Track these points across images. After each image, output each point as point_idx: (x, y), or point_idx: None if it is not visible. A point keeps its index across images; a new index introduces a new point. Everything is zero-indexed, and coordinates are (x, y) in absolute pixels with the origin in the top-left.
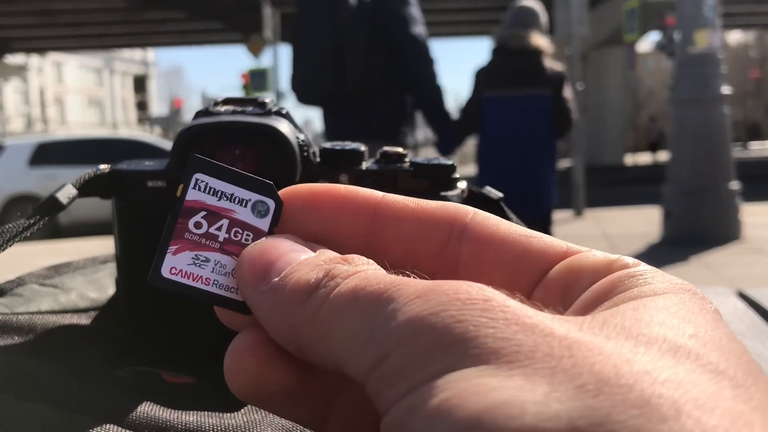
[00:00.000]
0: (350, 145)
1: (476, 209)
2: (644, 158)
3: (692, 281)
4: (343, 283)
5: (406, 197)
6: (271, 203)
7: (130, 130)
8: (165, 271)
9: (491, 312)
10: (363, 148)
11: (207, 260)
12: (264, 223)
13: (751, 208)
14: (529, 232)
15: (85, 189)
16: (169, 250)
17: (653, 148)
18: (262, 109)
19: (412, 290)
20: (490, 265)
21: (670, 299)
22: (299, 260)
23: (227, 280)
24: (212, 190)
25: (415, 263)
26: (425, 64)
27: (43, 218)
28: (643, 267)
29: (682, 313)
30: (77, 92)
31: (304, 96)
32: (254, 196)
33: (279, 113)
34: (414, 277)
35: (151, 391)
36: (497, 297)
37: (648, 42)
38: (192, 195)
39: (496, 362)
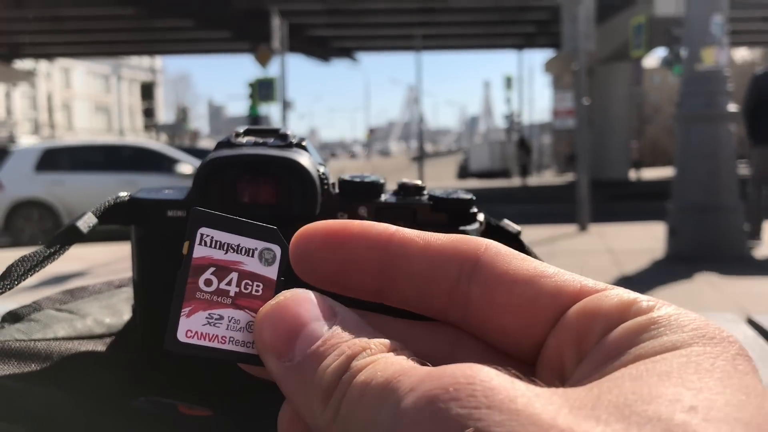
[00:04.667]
0: (370, 177)
1: (489, 242)
2: (649, 174)
3: (696, 299)
4: (357, 378)
5: (418, 233)
6: (277, 249)
7: (136, 136)
8: (181, 335)
9: (475, 399)
10: (382, 180)
11: (221, 318)
12: (272, 271)
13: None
14: (542, 269)
15: (105, 217)
16: (182, 313)
17: (636, 165)
18: (284, 141)
19: (409, 382)
20: (501, 308)
21: (677, 358)
22: (322, 335)
23: (243, 335)
24: (218, 243)
25: (427, 301)
26: None
27: (63, 246)
28: (657, 313)
29: (687, 375)
30: (85, 98)
31: None
32: (260, 245)
33: (300, 145)
34: (418, 363)
35: (166, 423)
36: (483, 378)
37: (654, 57)
38: (199, 252)
39: None
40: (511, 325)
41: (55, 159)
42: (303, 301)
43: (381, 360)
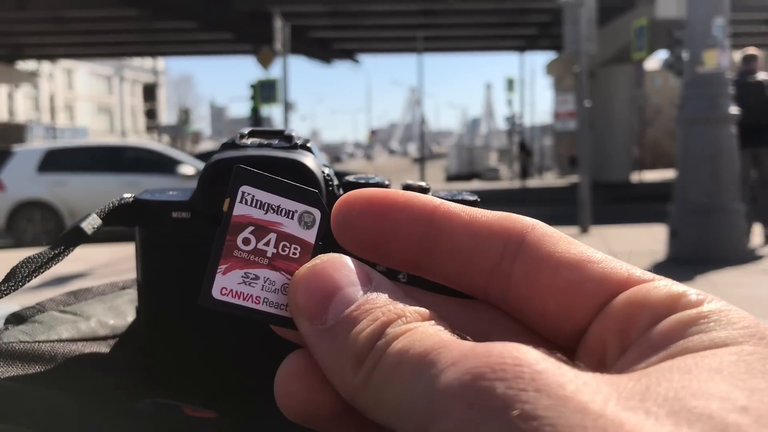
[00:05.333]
0: (374, 178)
1: (537, 222)
2: (650, 176)
3: None
4: (392, 345)
5: (464, 207)
6: (317, 213)
7: (138, 137)
8: (216, 293)
9: (522, 381)
10: (387, 181)
11: (256, 278)
12: (311, 235)
13: (759, 228)
14: (589, 254)
15: (110, 218)
16: (219, 270)
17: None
18: (288, 142)
19: (450, 356)
20: (543, 290)
21: (728, 355)
22: (357, 300)
23: (277, 297)
24: (258, 203)
25: (467, 277)
26: None
27: (68, 248)
28: (707, 307)
29: (739, 374)
30: (87, 99)
31: None
32: (300, 207)
33: (304, 147)
34: (457, 337)
35: (170, 425)
36: (530, 361)
37: (656, 59)
38: (239, 209)
39: None
40: (553, 308)
41: (57, 160)
42: (339, 265)
43: (418, 329)
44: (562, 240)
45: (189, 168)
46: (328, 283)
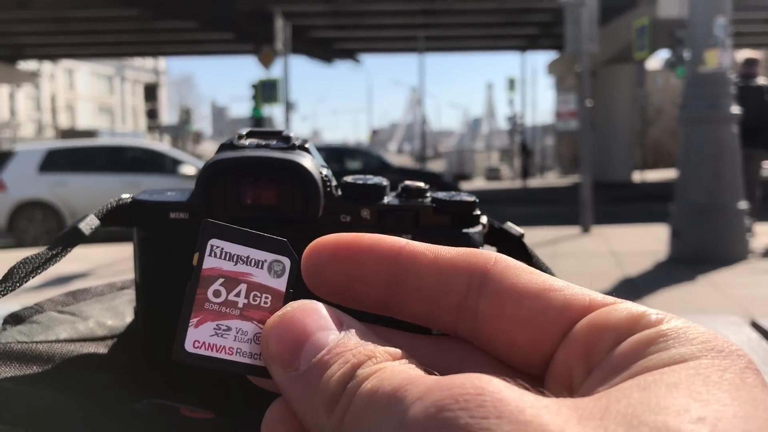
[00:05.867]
0: (372, 179)
1: (499, 256)
2: (652, 175)
3: (699, 301)
4: (362, 386)
5: (428, 246)
6: (287, 261)
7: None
8: (188, 346)
9: (484, 409)
10: (385, 182)
11: (228, 329)
12: (281, 283)
13: (760, 227)
14: (550, 283)
15: (108, 219)
16: (191, 324)
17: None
18: (286, 143)
19: (416, 391)
20: (509, 322)
21: (685, 370)
22: (328, 344)
23: (250, 347)
24: (227, 255)
25: (435, 315)
26: None
27: (66, 248)
28: (666, 326)
29: (696, 387)
30: (88, 99)
31: None
32: (269, 256)
33: (302, 148)
34: (425, 373)
35: (168, 426)
36: (491, 390)
37: (657, 59)
38: (208, 263)
39: None
40: (519, 338)
41: (58, 160)
42: (310, 311)
43: (387, 368)
44: (524, 271)
45: (190, 168)
46: (299, 329)
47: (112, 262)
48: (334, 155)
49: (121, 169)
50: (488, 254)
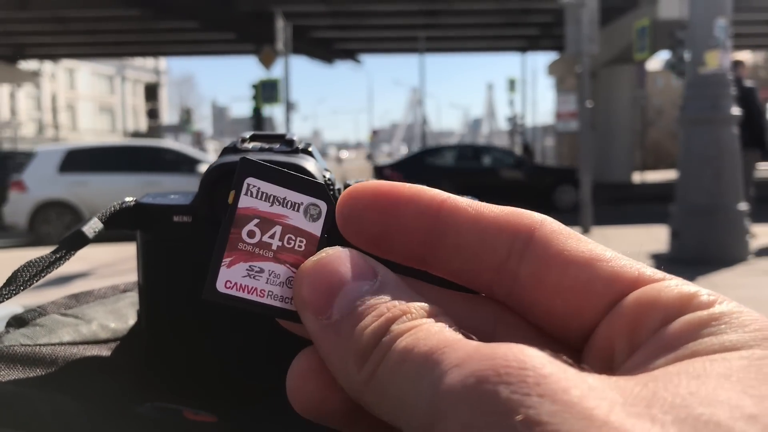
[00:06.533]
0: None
1: (546, 218)
2: (652, 176)
3: None
4: (396, 343)
5: (471, 202)
6: (323, 205)
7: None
8: (220, 286)
9: (527, 385)
10: None
11: (261, 270)
12: (317, 227)
13: (759, 228)
14: (599, 252)
15: (111, 222)
16: (223, 263)
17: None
18: (290, 146)
19: (455, 356)
20: (551, 289)
21: (738, 359)
22: (362, 294)
23: (282, 290)
24: (264, 195)
25: (473, 274)
26: None
27: (69, 252)
28: (719, 309)
29: (748, 380)
30: (89, 99)
31: None
32: (306, 199)
33: (306, 151)
34: (462, 336)
35: (171, 429)
36: (535, 364)
37: (657, 60)
38: (244, 202)
39: None
40: (560, 307)
41: (78, 160)
42: (345, 259)
43: (423, 326)
44: (571, 237)
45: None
46: (333, 276)
47: (113, 262)
48: (470, 152)
49: (140, 169)
50: (535, 215)
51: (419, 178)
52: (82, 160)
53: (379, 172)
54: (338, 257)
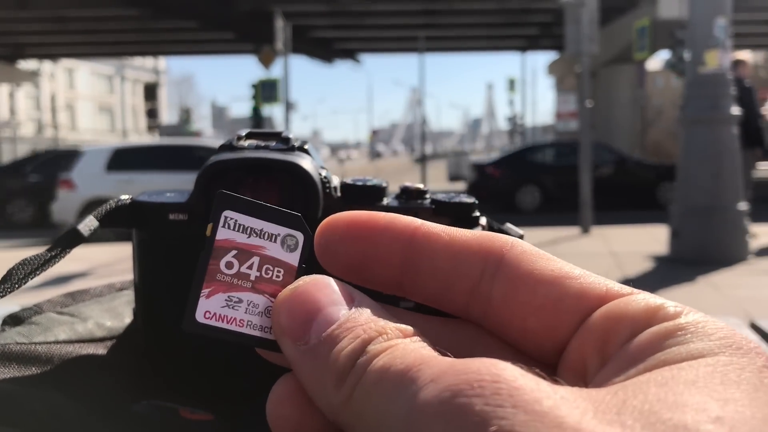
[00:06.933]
0: (372, 180)
1: (516, 240)
2: None
3: (699, 302)
4: (373, 363)
5: (444, 228)
6: (300, 236)
7: (140, 137)
8: (199, 316)
9: (500, 397)
10: (384, 184)
11: (240, 301)
12: (294, 258)
13: (758, 228)
14: (567, 270)
15: (107, 220)
16: (202, 294)
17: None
18: (286, 144)
19: (429, 372)
20: (523, 308)
21: (703, 366)
22: (339, 319)
23: (261, 320)
24: (241, 227)
25: (448, 297)
26: None
27: (65, 250)
28: (684, 319)
29: (714, 385)
30: (88, 98)
31: None
32: (283, 230)
33: (302, 149)
34: (438, 354)
35: (167, 427)
36: (508, 377)
37: (657, 60)
38: (222, 234)
39: None
40: (533, 326)
41: (125, 159)
42: (322, 286)
43: (399, 346)
44: (541, 257)
45: None
46: (310, 303)
47: (110, 262)
48: (570, 149)
49: (185, 167)
50: (505, 238)
51: (520, 175)
52: (128, 159)
53: (481, 170)
54: (315, 284)
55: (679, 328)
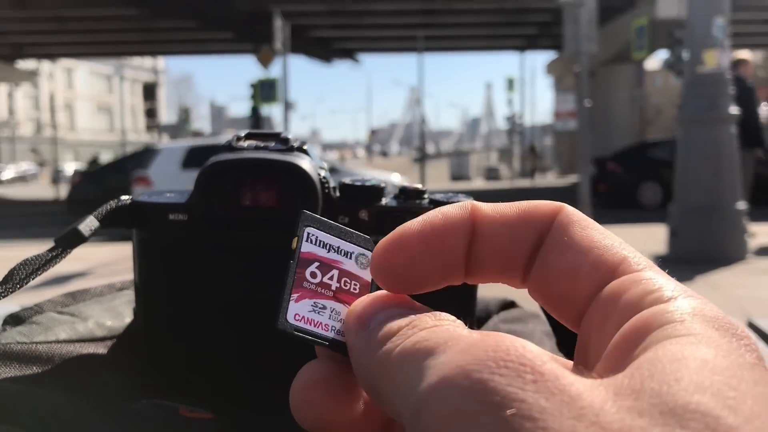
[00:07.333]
0: (370, 180)
1: (564, 206)
2: None
3: None
4: (412, 335)
5: (494, 207)
6: (371, 255)
7: (138, 137)
8: (291, 317)
9: (523, 380)
10: (383, 184)
11: (324, 307)
12: (366, 274)
13: (757, 228)
14: (595, 239)
15: (107, 220)
16: (292, 298)
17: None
18: (285, 145)
19: (462, 344)
20: (551, 275)
21: (710, 347)
22: (397, 313)
23: (341, 326)
24: (322, 243)
25: (509, 273)
26: None
27: (65, 250)
28: (677, 304)
29: (722, 368)
30: (87, 98)
31: None
32: (357, 249)
33: (301, 149)
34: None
35: (167, 426)
36: (535, 361)
37: (656, 59)
38: (305, 247)
39: None
40: (557, 293)
41: (199, 156)
42: (384, 295)
43: (445, 325)
44: (580, 224)
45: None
46: (374, 305)
47: (110, 262)
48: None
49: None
50: (552, 205)
51: (640, 170)
52: (203, 157)
53: (602, 165)
54: (379, 294)
55: (673, 311)
